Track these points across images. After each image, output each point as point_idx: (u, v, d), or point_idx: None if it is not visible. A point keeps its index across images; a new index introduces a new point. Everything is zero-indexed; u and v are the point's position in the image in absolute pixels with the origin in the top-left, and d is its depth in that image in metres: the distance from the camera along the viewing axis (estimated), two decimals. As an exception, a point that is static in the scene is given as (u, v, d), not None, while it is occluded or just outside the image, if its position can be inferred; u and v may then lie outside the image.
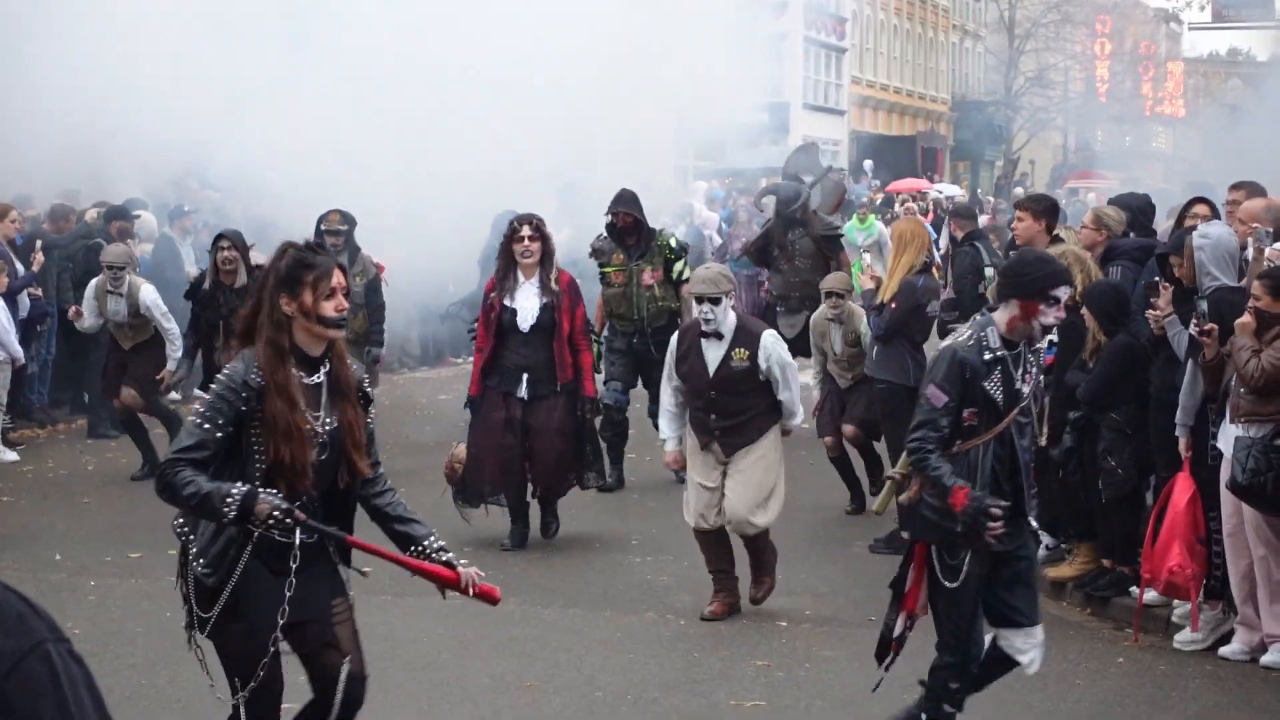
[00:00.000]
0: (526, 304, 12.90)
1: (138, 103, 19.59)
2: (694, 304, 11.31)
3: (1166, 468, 10.93)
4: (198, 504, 6.24)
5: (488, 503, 13.08)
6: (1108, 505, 11.41)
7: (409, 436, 17.72)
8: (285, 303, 6.41)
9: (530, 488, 13.17)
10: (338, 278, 6.54)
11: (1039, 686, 9.71)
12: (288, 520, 6.25)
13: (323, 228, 15.67)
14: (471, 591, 6.95)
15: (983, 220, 23.99)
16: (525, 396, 12.92)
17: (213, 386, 6.43)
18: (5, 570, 11.85)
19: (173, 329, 15.71)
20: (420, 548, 6.97)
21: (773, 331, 11.49)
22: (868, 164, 53.14)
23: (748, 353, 11.04)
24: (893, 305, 13.13)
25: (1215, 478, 10.40)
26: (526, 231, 12.77)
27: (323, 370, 6.54)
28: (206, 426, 6.31)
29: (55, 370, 18.71)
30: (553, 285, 12.91)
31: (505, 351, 12.96)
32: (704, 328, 11.16)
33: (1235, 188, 12.59)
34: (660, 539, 13.42)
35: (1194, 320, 9.99)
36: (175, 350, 15.35)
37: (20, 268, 17.70)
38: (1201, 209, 11.90)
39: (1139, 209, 12.81)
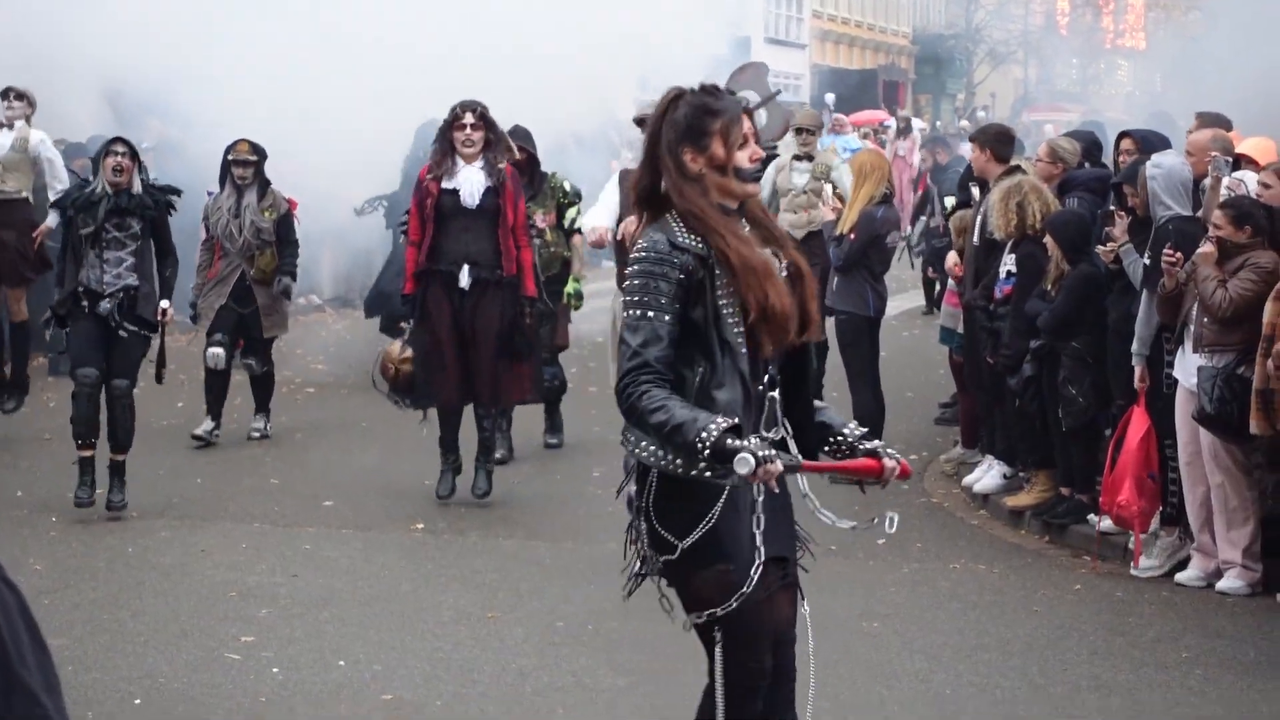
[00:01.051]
0: (469, 183, 12.07)
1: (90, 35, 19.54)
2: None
3: (1124, 396, 11.00)
4: (669, 432, 5.21)
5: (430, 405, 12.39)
6: (1067, 434, 11.47)
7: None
8: (691, 158, 5.43)
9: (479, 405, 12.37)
10: (748, 123, 5.59)
11: (997, 613, 9.80)
12: (766, 465, 5.12)
13: (230, 158, 14.78)
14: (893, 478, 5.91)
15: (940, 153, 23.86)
16: (466, 285, 12.07)
17: (633, 269, 5.38)
18: (-35, 507, 11.88)
19: (57, 162, 16.26)
20: (841, 438, 5.82)
21: None
22: (829, 97, 53.00)
23: None
24: (851, 236, 13.14)
25: (1171, 406, 10.47)
26: (469, 119, 12.03)
27: (743, 226, 5.50)
28: (652, 314, 5.31)
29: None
30: (500, 170, 12.12)
31: (444, 239, 12.05)
32: None
33: (1199, 116, 12.65)
34: (621, 470, 13.40)
35: (1166, 249, 10.02)
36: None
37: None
38: (1126, 144, 11.95)
39: (1087, 148, 12.81)
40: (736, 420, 5.21)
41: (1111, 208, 11.12)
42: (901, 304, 22.90)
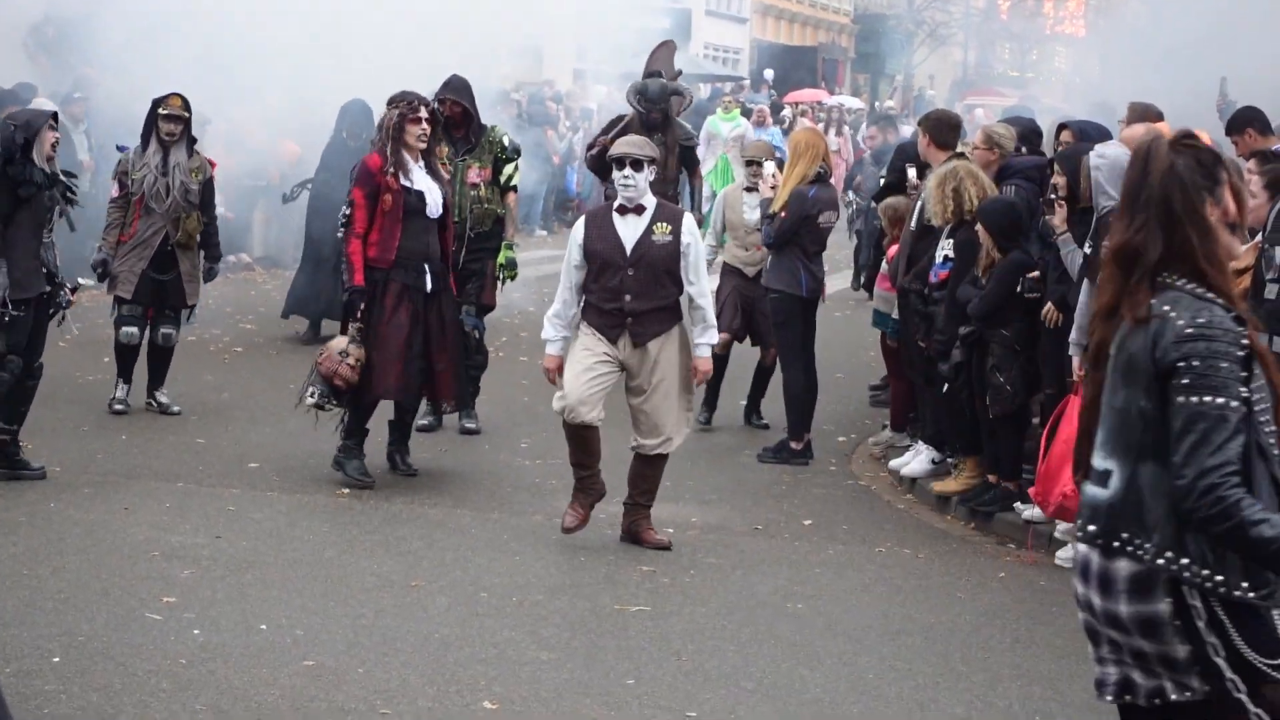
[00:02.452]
0: (430, 187, 11.87)
1: None
2: (615, 171, 10.62)
3: (1053, 385, 11.03)
4: (1271, 554, 4.62)
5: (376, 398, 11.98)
6: (995, 421, 11.50)
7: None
8: (1209, 211, 4.85)
9: (436, 402, 12.45)
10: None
11: (921, 598, 9.82)
12: None
13: (161, 112, 13.80)
14: None
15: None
16: (430, 289, 11.86)
17: (1204, 346, 4.71)
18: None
19: None
20: None
21: (690, 214, 11.12)
22: (768, 73, 53.08)
23: (669, 227, 10.51)
24: (783, 214, 13.11)
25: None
26: (424, 113, 11.82)
27: None
28: (1235, 405, 4.69)
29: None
30: (440, 170, 12.13)
31: (403, 239, 11.78)
32: (622, 197, 10.56)
33: (1130, 107, 12.69)
34: (549, 442, 13.38)
35: (1091, 240, 10.02)
36: None
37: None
38: (1065, 135, 11.94)
39: (1025, 134, 12.82)
40: None
41: (1051, 196, 11.14)
42: (834, 284, 22.88)
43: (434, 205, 11.84)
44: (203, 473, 11.96)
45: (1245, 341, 4.73)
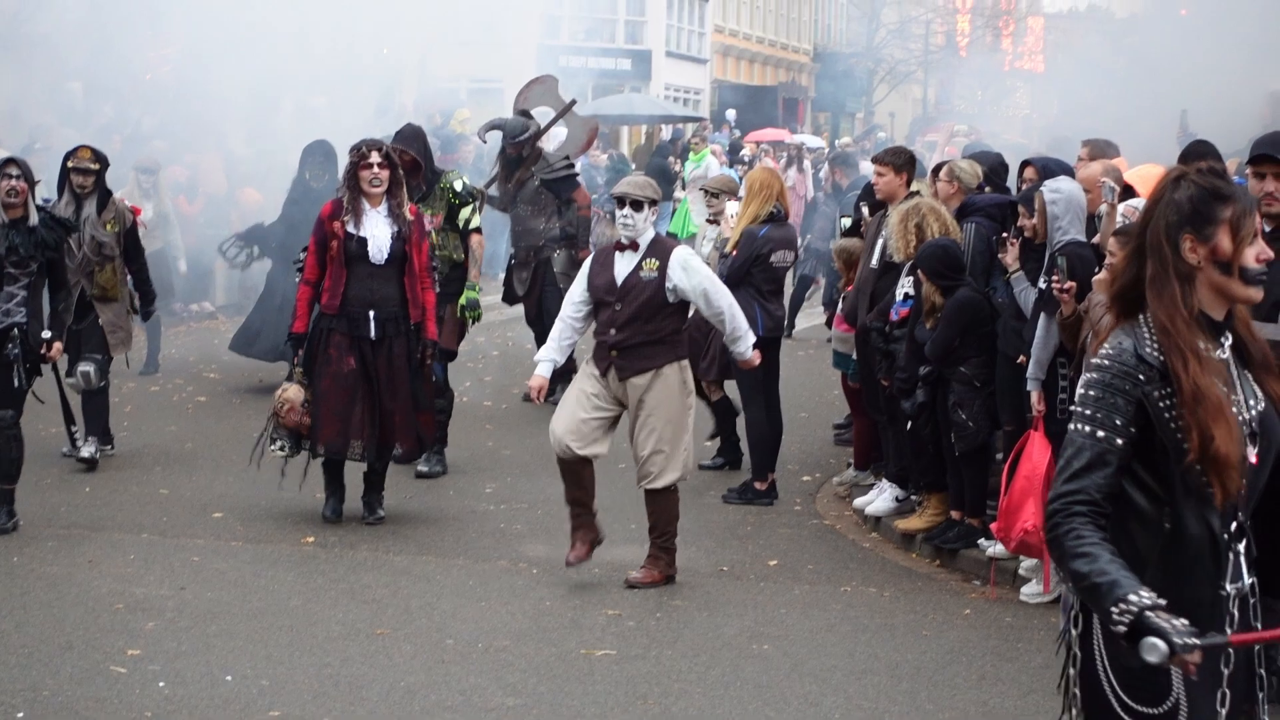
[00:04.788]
0: (377, 233, 11.85)
1: None
2: (616, 210, 10.83)
3: (1012, 421, 11.06)
4: (1086, 588, 4.61)
5: (319, 456, 12.05)
6: (959, 458, 11.52)
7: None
8: (1190, 248, 4.78)
9: (380, 449, 12.13)
10: (1257, 218, 4.94)
11: (887, 636, 9.82)
12: (1184, 656, 4.39)
13: (70, 165, 13.63)
14: None
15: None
16: (374, 336, 11.87)
17: (1090, 377, 4.83)
18: None
19: None
20: None
21: (687, 249, 11.00)
22: (730, 113, 53.22)
23: (657, 263, 10.61)
24: (733, 253, 13.15)
25: (1065, 432, 10.49)
26: (375, 158, 11.82)
27: (1226, 340, 4.89)
28: (1102, 435, 4.75)
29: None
30: (405, 214, 11.97)
31: (348, 286, 11.85)
32: (621, 235, 10.76)
33: (1086, 144, 12.73)
34: (514, 487, 13.41)
35: (1053, 276, 10.05)
36: None
37: None
38: (1029, 172, 11.97)
39: (990, 166, 12.88)
40: (1163, 602, 4.49)
41: (1004, 235, 11.18)
42: (805, 322, 22.97)
43: (376, 251, 11.82)
44: (167, 523, 11.94)
45: (1143, 378, 4.73)
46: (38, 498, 12.43)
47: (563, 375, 15.83)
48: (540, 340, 16.16)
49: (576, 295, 10.82)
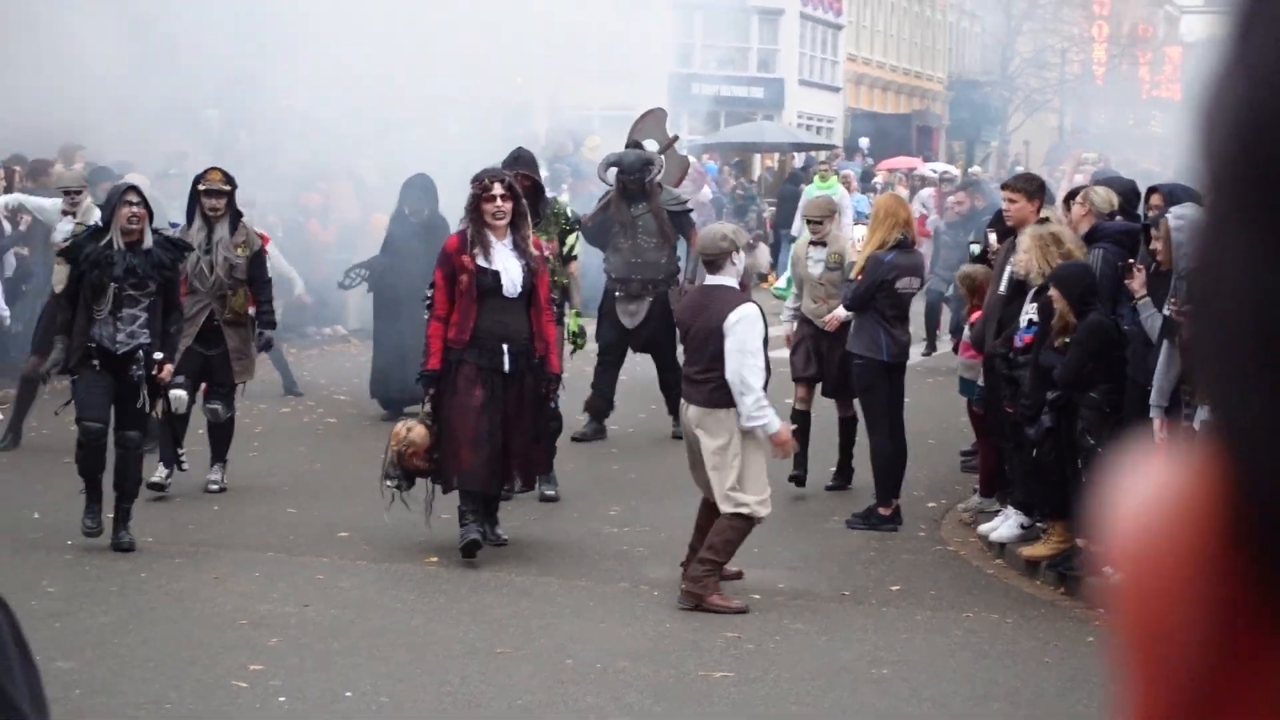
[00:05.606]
0: (509, 266, 11.67)
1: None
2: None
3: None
4: None
5: (452, 489, 11.79)
6: (1085, 484, 11.42)
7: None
8: None
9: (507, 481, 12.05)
10: None
11: (1008, 663, 9.76)
12: None
13: (201, 188, 13.50)
14: None
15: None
16: (508, 369, 11.69)
17: None
18: (-18, 528, 11.90)
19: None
20: None
21: (753, 306, 10.86)
22: (864, 141, 53.11)
23: (723, 312, 10.56)
24: (858, 278, 13.14)
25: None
26: (499, 190, 11.64)
27: None
28: None
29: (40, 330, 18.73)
30: (529, 248, 11.84)
31: (479, 319, 11.66)
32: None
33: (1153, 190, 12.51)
34: (637, 510, 13.43)
35: (1170, 300, 9.99)
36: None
37: (7, 227, 17.73)
38: (1155, 199, 11.89)
39: (1122, 193, 12.81)
40: None
41: (1130, 260, 11.11)
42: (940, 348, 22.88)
43: (510, 284, 11.67)
44: (292, 542, 12.05)
45: None
46: (166, 515, 12.59)
47: (605, 413, 15.93)
48: (661, 375, 16.25)
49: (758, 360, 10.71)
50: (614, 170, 16.73)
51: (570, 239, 13.95)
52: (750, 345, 10.50)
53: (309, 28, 22.58)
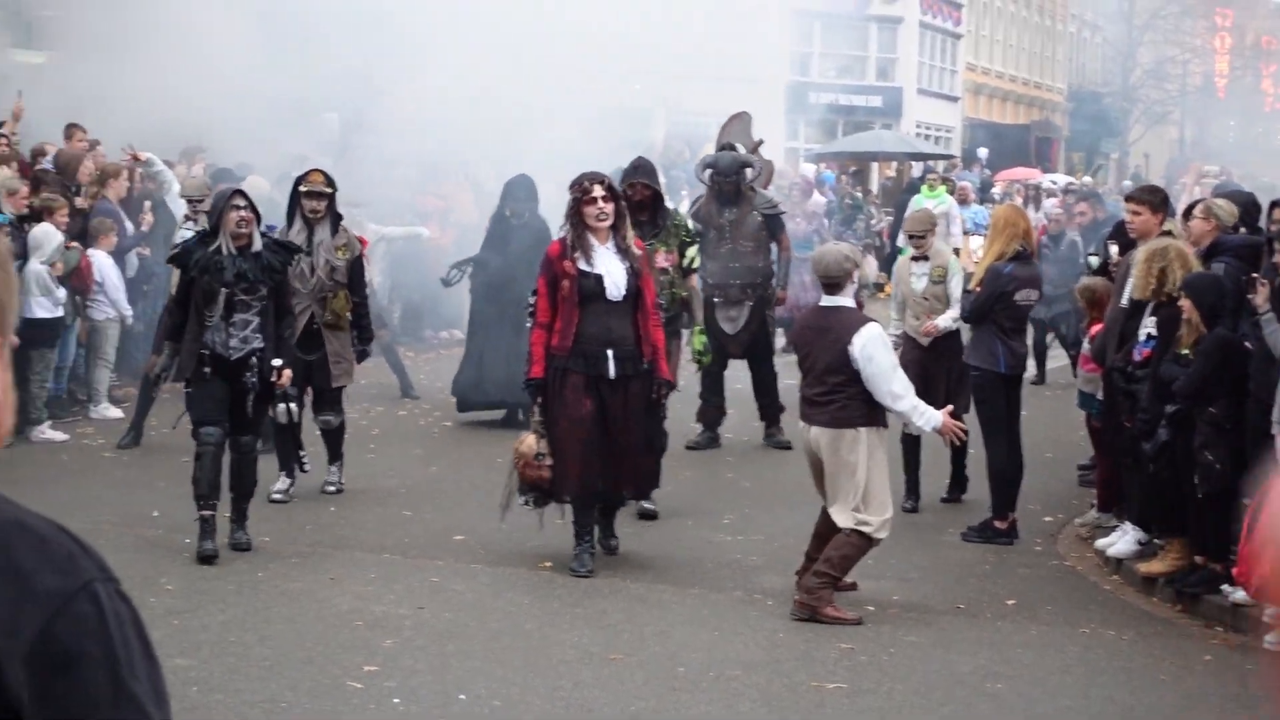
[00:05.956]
0: (612, 269, 11.41)
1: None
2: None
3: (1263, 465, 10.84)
4: None
5: (563, 503, 11.69)
6: (1203, 501, 11.31)
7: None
8: None
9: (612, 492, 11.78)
10: None
11: (1123, 680, 9.68)
12: None
13: (301, 189, 13.39)
14: None
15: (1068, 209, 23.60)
16: (613, 375, 11.45)
17: None
18: (103, 524, 12.02)
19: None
20: None
21: (876, 325, 10.81)
22: (982, 152, 52.86)
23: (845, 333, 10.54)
24: (977, 289, 13.05)
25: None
26: (599, 191, 11.39)
27: None
28: None
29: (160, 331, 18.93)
30: (633, 249, 11.55)
31: (582, 325, 11.40)
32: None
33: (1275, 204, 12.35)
34: (752, 518, 13.42)
35: None
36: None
37: (129, 226, 17.93)
38: (1278, 213, 11.74)
39: (1242, 206, 12.69)
40: None
41: (1253, 275, 10.99)
42: (1055, 362, 22.70)
43: (614, 288, 11.42)
44: (408, 544, 12.11)
45: None
46: (284, 515, 12.70)
47: (717, 421, 15.89)
48: (760, 384, 16.22)
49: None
50: (709, 172, 16.63)
51: (691, 251, 13.84)
52: (886, 364, 10.53)
53: (430, 32, 22.71)
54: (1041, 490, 14.78)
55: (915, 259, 14.27)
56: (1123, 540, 12.59)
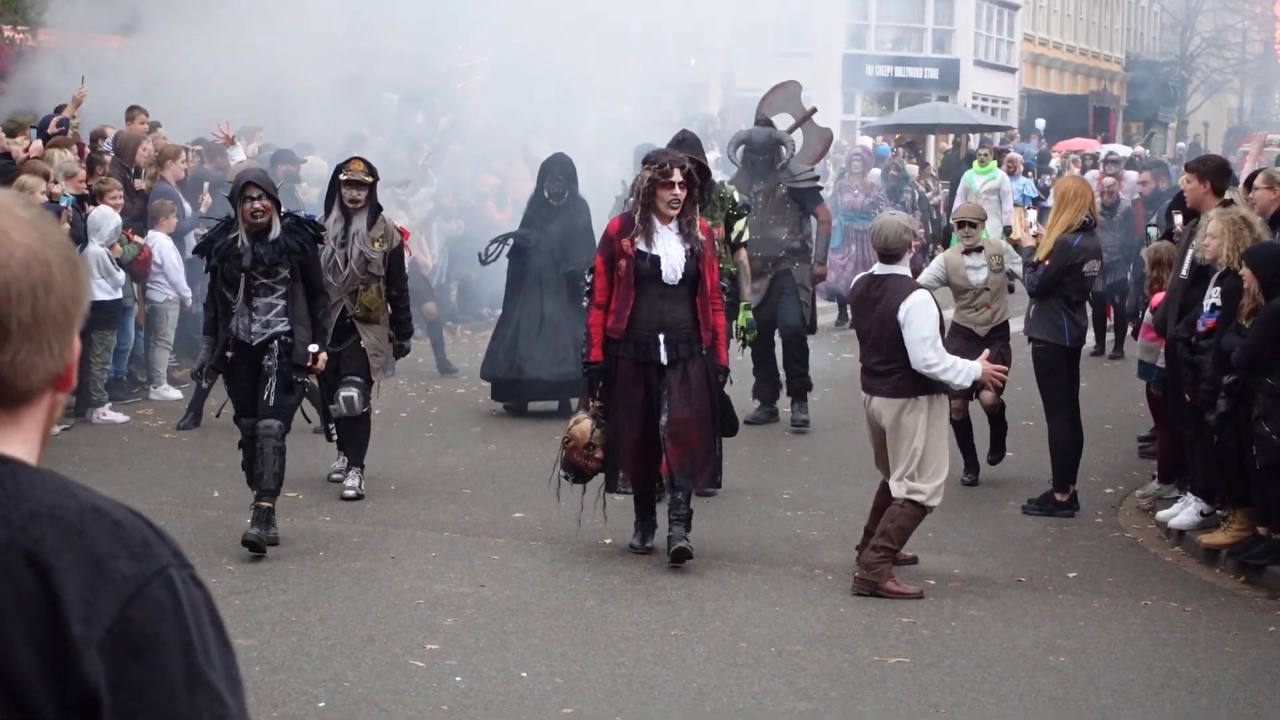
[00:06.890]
0: (670, 251, 11.02)
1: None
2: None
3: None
4: None
5: (620, 491, 11.46)
6: (1262, 471, 11.24)
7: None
8: None
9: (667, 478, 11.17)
10: None
11: (1187, 652, 9.63)
12: None
13: (341, 177, 12.88)
14: None
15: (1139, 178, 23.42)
16: (665, 360, 11.07)
17: None
18: (165, 505, 12.09)
19: None
20: None
21: (924, 292, 10.74)
22: (1040, 123, 52.63)
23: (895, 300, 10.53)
24: (1046, 262, 12.96)
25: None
26: (678, 176, 10.96)
27: None
28: None
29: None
30: (696, 232, 11.12)
31: (636, 308, 11.07)
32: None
33: None
34: (812, 493, 13.41)
35: None
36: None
37: (188, 208, 18.00)
38: None
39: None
40: None
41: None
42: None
43: (670, 271, 11.01)
44: (469, 523, 12.14)
45: None
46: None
47: (774, 396, 15.79)
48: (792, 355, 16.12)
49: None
50: (742, 149, 16.43)
51: (739, 224, 13.69)
52: (926, 330, 10.43)
53: (485, 9, 22.77)
54: (1102, 462, 14.73)
55: (966, 251, 14.13)
56: (1184, 511, 12.52)
